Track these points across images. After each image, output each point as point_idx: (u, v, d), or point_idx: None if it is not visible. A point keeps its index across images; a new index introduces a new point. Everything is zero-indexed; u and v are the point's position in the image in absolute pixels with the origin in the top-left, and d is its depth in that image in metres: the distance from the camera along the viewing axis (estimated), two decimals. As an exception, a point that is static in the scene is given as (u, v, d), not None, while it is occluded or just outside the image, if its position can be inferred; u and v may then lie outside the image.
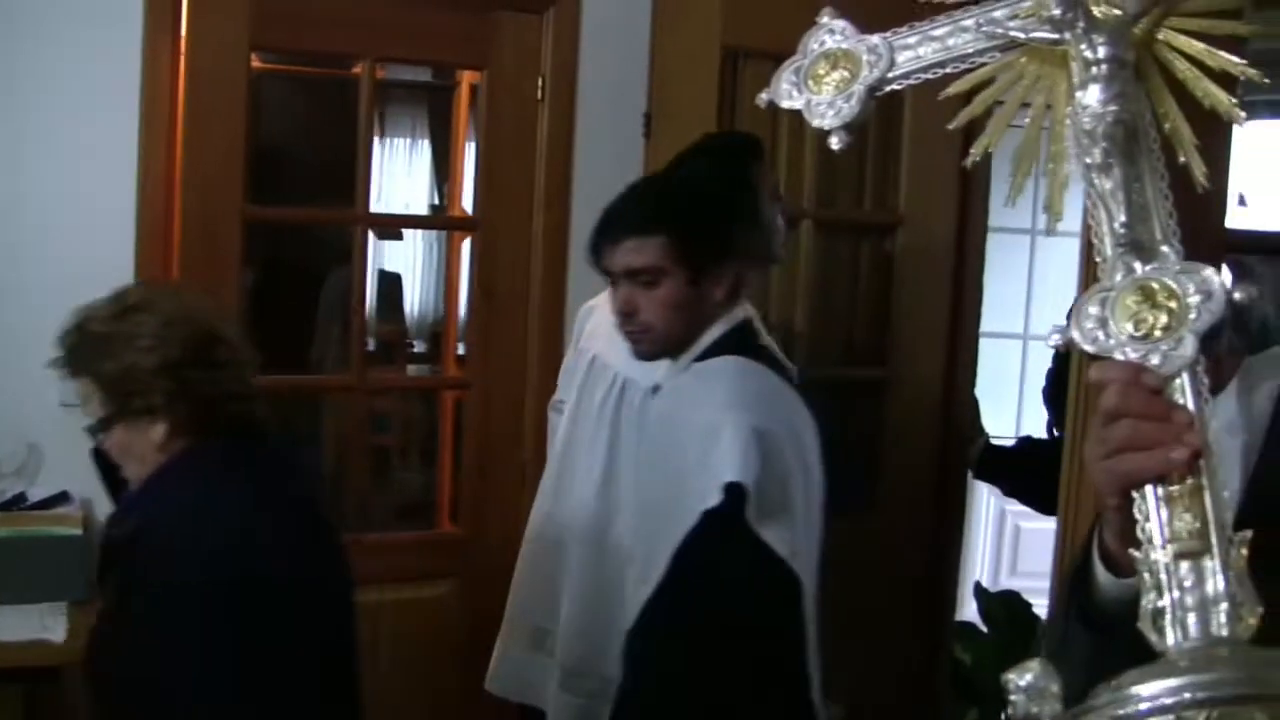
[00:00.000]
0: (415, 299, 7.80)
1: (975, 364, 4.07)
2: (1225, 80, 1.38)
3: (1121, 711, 1.07)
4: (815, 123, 1.44)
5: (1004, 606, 4.65)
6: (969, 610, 5.08)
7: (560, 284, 3.71)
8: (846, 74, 1.46)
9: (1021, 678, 1.12)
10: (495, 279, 3.68)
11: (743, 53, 3.61)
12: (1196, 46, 1.37)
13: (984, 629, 4.86)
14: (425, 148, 7.67)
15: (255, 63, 3.56)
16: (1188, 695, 1.04)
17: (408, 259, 7.77)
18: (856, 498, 3.75)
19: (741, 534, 2.37)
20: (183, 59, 3.27)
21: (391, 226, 7.09)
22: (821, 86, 1.46)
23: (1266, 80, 1.45)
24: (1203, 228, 1.71)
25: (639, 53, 3.54)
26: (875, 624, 3.86)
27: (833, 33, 1.51)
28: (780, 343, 3.72)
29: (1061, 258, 6.88)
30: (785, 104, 1.47)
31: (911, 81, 1.45)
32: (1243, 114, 1.38)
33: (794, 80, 1.49)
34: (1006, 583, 5.72)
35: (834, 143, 1.43)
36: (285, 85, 5.42)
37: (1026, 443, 4.04)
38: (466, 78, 5.13)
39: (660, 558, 2.39)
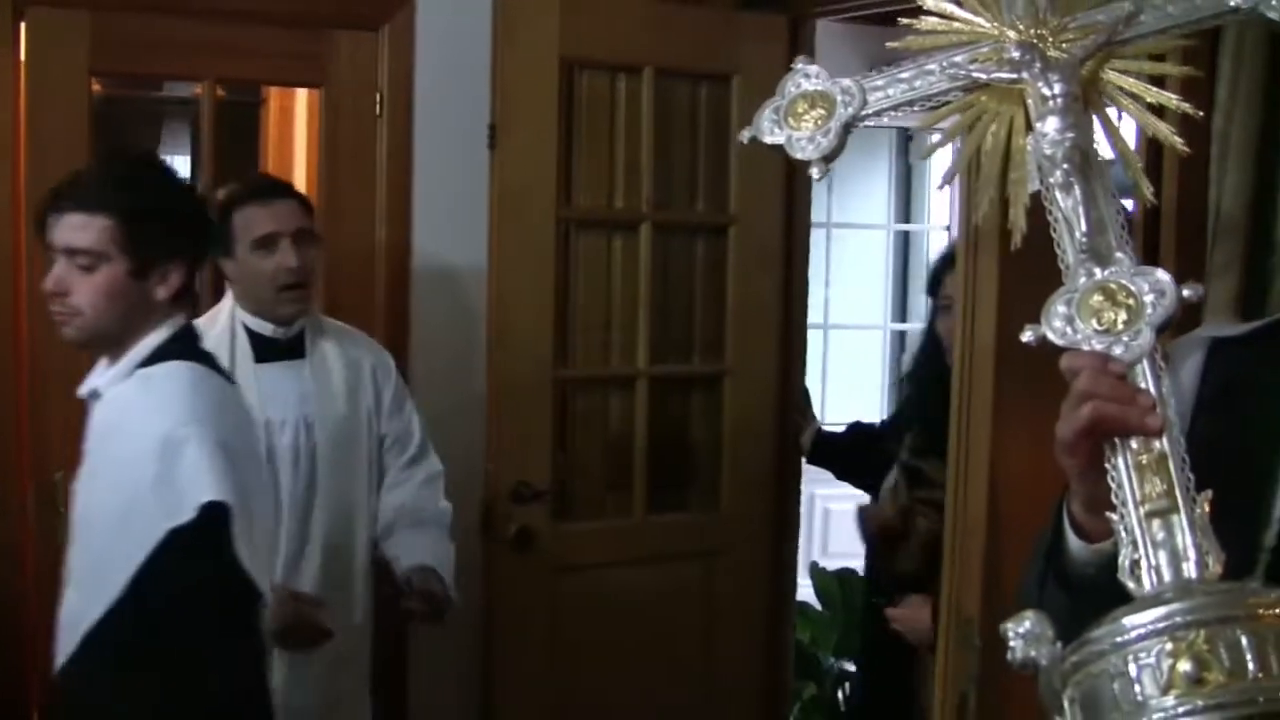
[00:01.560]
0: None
1: (805, 354, 4.26)
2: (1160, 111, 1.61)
3: (1120, 639, 1.22)
4: (796, 155, 1.63)
5: (840, 584, 4.88)
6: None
7: (403, 298, 3.78)
8: (823, 112, 1.64)
9: (1019, 625, 1.28)
10: (339, 294, 3.71)
11: (580, 64, 3.73)
12: (1136, 84, 1.60)
13: (818, 607, 5.08)
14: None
15: (96, 87, 3.52)
16: (1179, 619, 1.20)
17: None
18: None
19: (215, 551, 2.30)
20: (23, 86, 3.24)
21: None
22: (801, 123, 1.64)
23: (1200, 113, 1.69)
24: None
25: (480, 66, 3.61)
26: (723, 609, 4.03)
27: (808, 76, 1.69)
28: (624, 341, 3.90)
29: (853, 250, 7.20)
30: (768, 139, 1.65)
31: (882, 117, 1.66)
32: (1181, 141, 1.62)
33: (774, 119, 1.67)
34: (820, 563, 5.94)
35: (815, 173, 1.62)
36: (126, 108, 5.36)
37: (855, 429, 4.26)
38: (275, 95, 5.13)
39: (114, 578, 2.26)
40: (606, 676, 3.77)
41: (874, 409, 6.67)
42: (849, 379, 7.05)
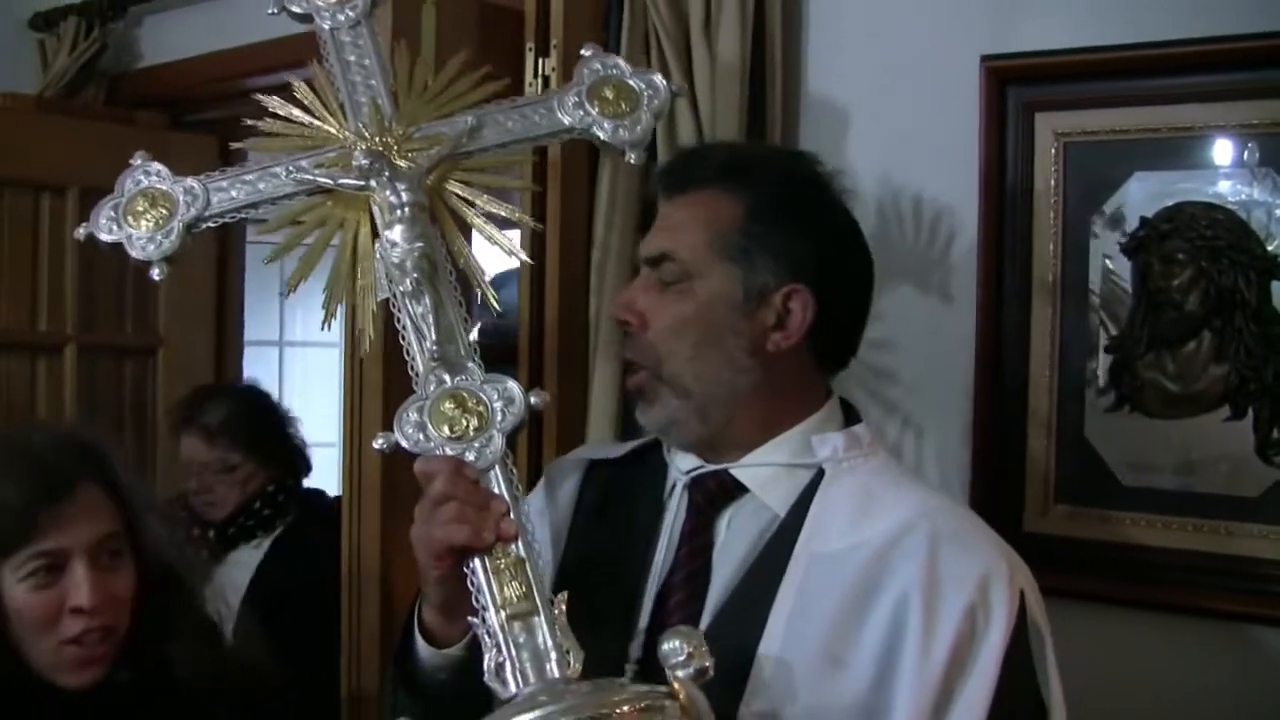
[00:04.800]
0: None
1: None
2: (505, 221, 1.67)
3: None
4: (135, 255, 1.58)
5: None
6: None
7: None
8: (165, 212, 1.60)
9: None
10: None
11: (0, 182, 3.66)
12: (481, 196, 1.66)
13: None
14: None
15: None
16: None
17: None
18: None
19: None
20: None
21: None
22: (141, 222, 1.60)
23: (541, 226, 1.76)
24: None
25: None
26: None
27: (148, 173, 1.65)
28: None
29: (308, 366, 7.22)
30: (105, 238, 1.59)
31: (226, 220, 1.63)
32: (525, 255, 1.70)
33: (112, 216, 1.61)
34: None
35: (155, 274, 1.59)
36: None
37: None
38: None
39: None
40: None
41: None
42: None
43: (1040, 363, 2.25)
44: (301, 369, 7.09)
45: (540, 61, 2.43)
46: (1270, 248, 2.08)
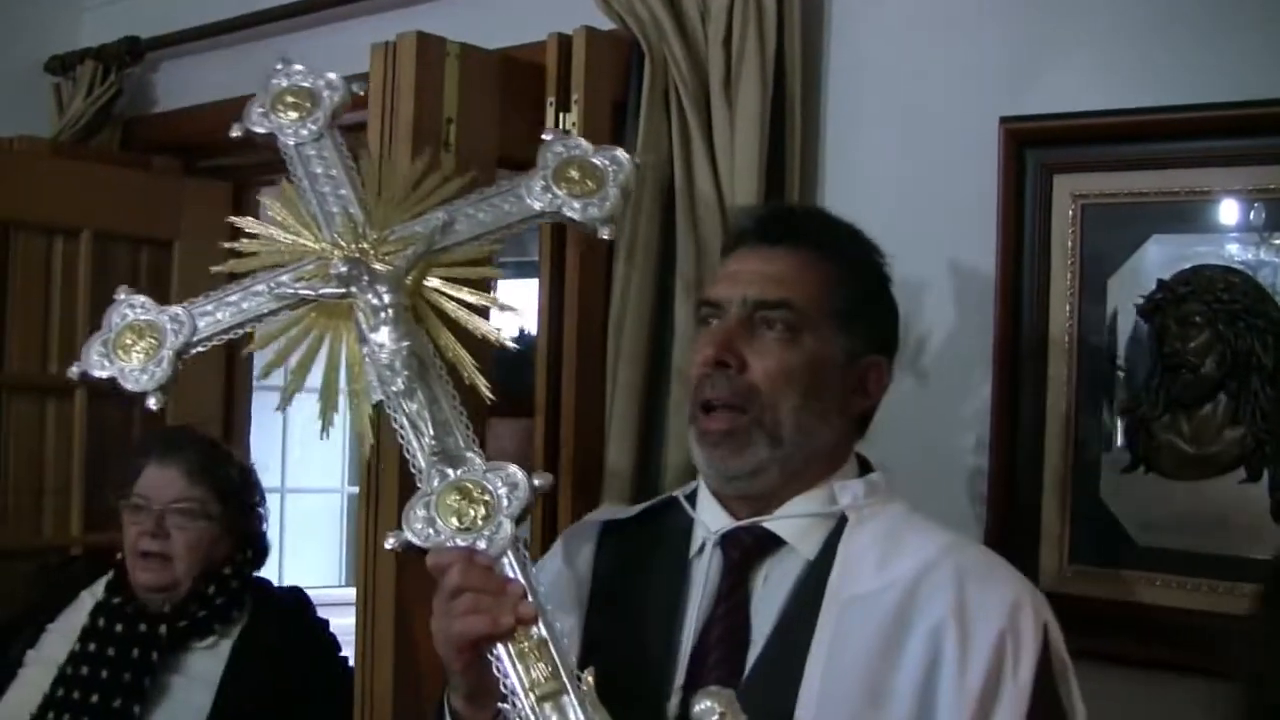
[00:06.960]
0: None
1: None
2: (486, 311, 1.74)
3: None
4: (129, 387, 1.65)
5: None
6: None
7: None
8: (153, 342, 1.67)
9: None
10: None
11: (14, 226, 3.66)
12: (461, 290, 1.72)
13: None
14: None
15: None
16: None
17: None
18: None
19: None
20: None
21: None
22: (131, 355, 1.67)
23: (516, 308, 1.81)
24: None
25: None
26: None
27: (134, 306, 1.72)
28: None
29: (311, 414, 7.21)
30: (98, 374, 1.67)
31: (215, 342, 1.70)
32: (511, 340, 1.76)
33: (102, 351, 1.68)
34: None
35: (152, 404, 1.65)
36: None
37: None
38: None
39: None
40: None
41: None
42: (305, 542, 7.02)
43: (1056, 422, 2.26)
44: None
45: (561, 116, 2.45)
46: (1285, 311, 2.09)
